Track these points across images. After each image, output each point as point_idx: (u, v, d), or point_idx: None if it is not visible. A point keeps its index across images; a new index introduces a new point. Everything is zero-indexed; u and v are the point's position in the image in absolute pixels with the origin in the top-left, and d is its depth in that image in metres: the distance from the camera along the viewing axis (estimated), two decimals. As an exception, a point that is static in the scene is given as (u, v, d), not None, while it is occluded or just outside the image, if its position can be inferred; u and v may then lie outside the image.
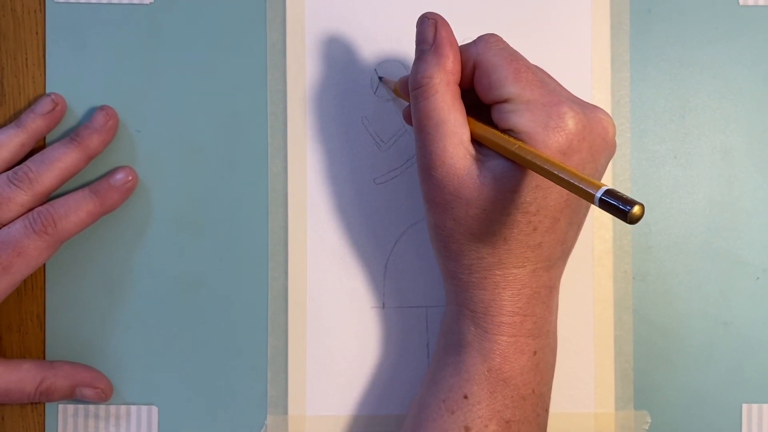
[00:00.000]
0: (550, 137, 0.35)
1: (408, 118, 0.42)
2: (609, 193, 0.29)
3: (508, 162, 0.35)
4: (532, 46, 0.45)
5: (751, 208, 0.45)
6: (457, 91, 0.38)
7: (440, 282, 0.45)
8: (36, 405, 0.45)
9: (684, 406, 0.45)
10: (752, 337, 0.45)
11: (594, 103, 0.45)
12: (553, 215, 0.36)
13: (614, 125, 0.37)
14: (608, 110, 0.45)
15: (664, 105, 0.46)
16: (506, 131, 0.36)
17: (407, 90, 0.39)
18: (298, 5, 0.45)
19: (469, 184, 0.36)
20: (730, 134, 0.46)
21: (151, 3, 0.45)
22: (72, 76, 0.45)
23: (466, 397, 0.37)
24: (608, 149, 0.37)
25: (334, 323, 0.45)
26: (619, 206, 0.28)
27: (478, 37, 0.38)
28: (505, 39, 0.45)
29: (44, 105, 0.44)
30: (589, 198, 0.30)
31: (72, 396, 0.44)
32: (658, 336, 0.45)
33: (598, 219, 0.45)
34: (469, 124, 0.37)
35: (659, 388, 0.45)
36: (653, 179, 0.46)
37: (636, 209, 0.28)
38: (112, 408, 0.45)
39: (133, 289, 0.45)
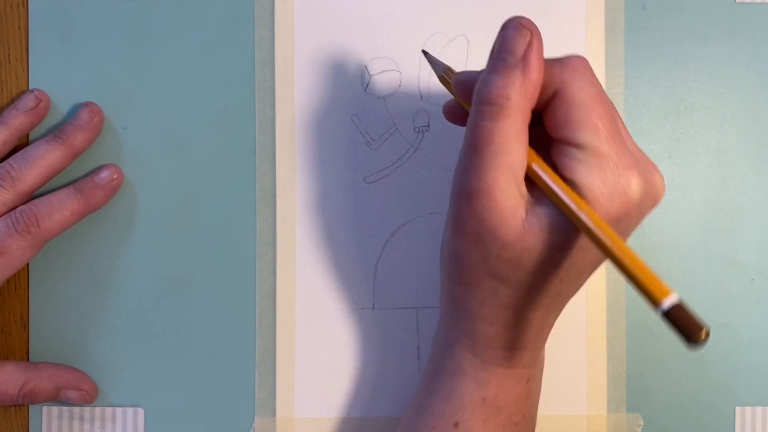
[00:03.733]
0: (613, 203, 0.32)
1: (450, 113, 0.38)
2: (678, 308, 0.26)
3: (559, 215, 0.32)
4: (526, 43, 0.45)
5: (747, 208, 0.45)
6: (528, 118, 0.33)
7: (431, 283, 0.44)
8: (19, 407, 0.44)
9: (677, 409, 0.45)
10: (746, 339, 0.45)
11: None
12: (582, 270, 0.34)
13: (665, 186, 0.34)
14: (602, 109, 0.45)
15: (659, 103, 0.45)
16: (566, 180, 0.32)
17: (464, 90, 0.35)
18: (287, 0, 0.44)
19: (511, 226, 0.32)
20: (725, 134, 0.45)
21: (136, -3, 0.44)
22: (56, 72, 0.44)
23: (456, 424, 0.36)
24: (654, 208, 0.35)
25: (324, 324, 0.45)
26: (683, 327, 0.26)
27: (567, 59, 0.33)
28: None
29: (27, 101, 0.43)
30: (653, 304, 0.27)
31: (56, 398, 0.43)
32: (651, 338, 0.45)
33: (591, 219, 0.45)
34: (530, 159, 0.33)
35: (652, 390, 0.45)
36: (647, 179, 0.45)
37: (702, 334, 0.25)
38: (97, 410, 0.44)
39: (118, 290, 0.44)
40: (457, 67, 0.44)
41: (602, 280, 0.44)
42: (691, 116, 0.45)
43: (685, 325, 0.26)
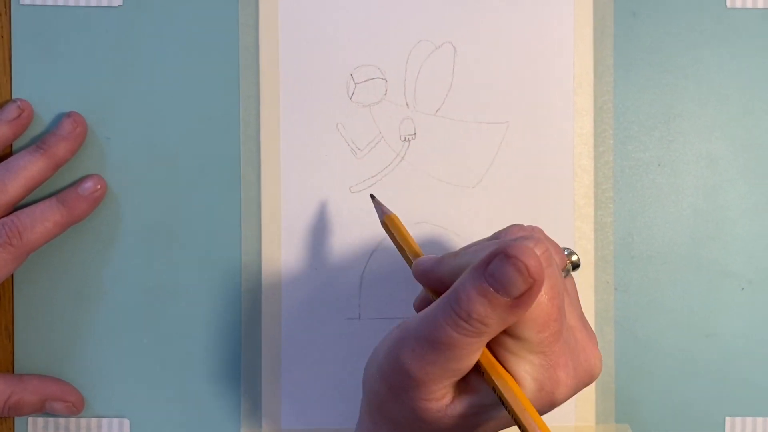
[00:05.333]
0: (538, 401, 0.32)
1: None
2: None
3: (484, 403, 0.32)
4: (514, 50, 0.44)
5: (737, 216, 0.44)
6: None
7: (418, 293, 0.44)
8: (4, 419, 0.44)
9: (666, 420, 0.44)
10: (736, 349, 0.44)
11: (577, 110, 0.44)
12: None
13: (601, 366, 0.34)
14: (590, 117, 0.44)
15: (648, 111, 0.44)
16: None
17: (426, 280, 0.34)
18: (271, 8, 0.44)
19: (434, 410, 0.32)
20: (715, 141, 0.44)
21: (120, 6, 0.44)
22: (39, 82, 0.44)
23: None
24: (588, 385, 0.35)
25: (309, 335, 0.44)
26: None
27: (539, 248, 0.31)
28: (485, 41, 0.44)
29: (10, 111, 0.43)
30: None
31: (42, 410, 0.43)
32: (640, 348, 0.44)
33: (579, 229, 0.44)
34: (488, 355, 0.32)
35: (641, 401, 0.44)
36: (636, 187, 0.44)
37: None
38: (83, 421, 0.44)
39: (103, 300, 0.44)
40: (444, 76, 0.44)
41: (590, 289, 0.44)
42: (681, 124, 0.44)
43: None
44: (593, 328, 0.44)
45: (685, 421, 0.44)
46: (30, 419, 0.44)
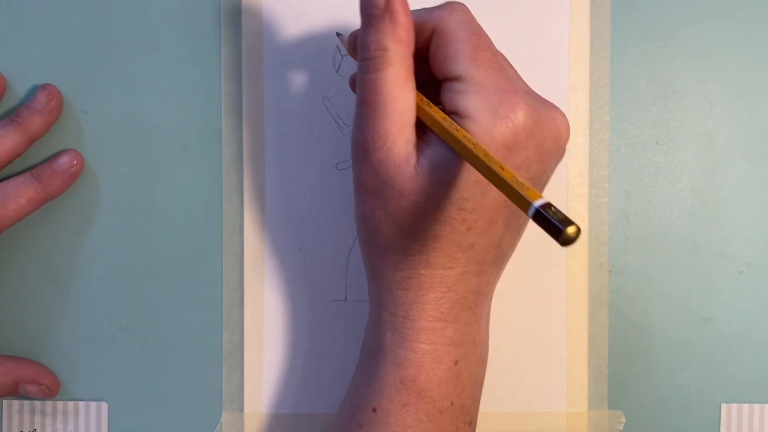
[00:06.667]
0: (496, 127, 0.32)
1: (354, 85, 0.37)
2: (546, 207, 0.27)
3: (447, 151, 0.32)
4: (506, 23, 0.43)
5: (736, 198, 0.43)
6: (411, 64, 0.33)
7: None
8: (-22, 401, 0.43)
9: (660, 406, 0.43)
10: (734, 333, 0.43)
11: (572, 86, 0.42)
12: (490, 215, 0.33)
13: (569, 129, 0.34)
14: (586, 93, 0.42)
15: (646, 87, 0.43)
16: (452, 114, 0.33)
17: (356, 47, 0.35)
18: (255, -23, 0.42)
19: (405, 172, 0.32)
20: (715, 119, 0.43)
21: (97, -27, 0.42)
22: (12, 53, 0.42)
23: (374, 410, 0.35)
24: (558, 152, 0.34)
25: (293, 317, 0.43)
26: (554, 223, 0.26)
27: (444, 3, 0.34)
28: (478, 14, 0.42)
29: (-18, 83, 0.41)
30: (524, 207, 0.27)
31: (16, 392, 0.42)
32: (635, 332, 0.43)
33: (572, 209, 0.43)
34: (417, 100, 0.34)
35: (635, 386, 0.43)
36: (633, 166, 0.43)
37: (570, 230, 0.26)
38: (60, 404, 0.43)
39: (80, 281, 0.43)
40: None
41: (584, 271, 0.43)
42: (680, 101, 0.43)
43: (556, 221, 0.26)
44: (586, 311, 0.43)
45: (680, 407, 0.43)
46: (5, 402, 0.43)
